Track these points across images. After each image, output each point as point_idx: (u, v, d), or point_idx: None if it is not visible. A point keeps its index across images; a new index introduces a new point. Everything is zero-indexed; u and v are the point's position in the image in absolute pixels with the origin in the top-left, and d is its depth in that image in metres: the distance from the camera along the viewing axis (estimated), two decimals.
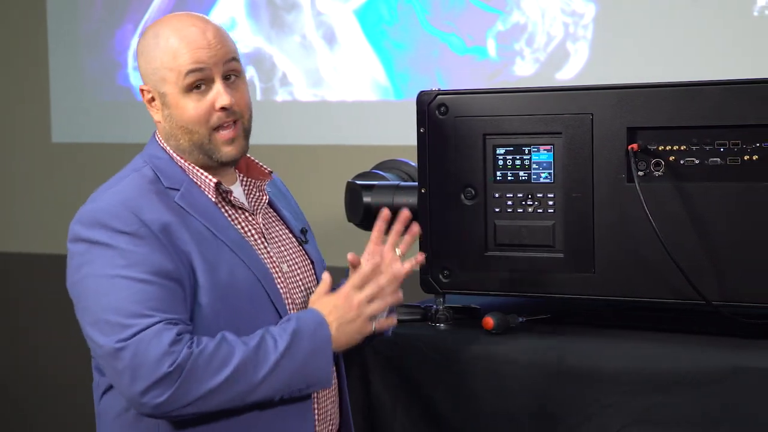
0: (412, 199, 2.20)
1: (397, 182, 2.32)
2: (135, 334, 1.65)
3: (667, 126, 1.95)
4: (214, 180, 1.81)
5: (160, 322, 1.66)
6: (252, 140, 1.89)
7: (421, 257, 1.90)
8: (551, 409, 1.93)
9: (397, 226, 1.88)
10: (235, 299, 1.75)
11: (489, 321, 2.03)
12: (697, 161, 1.94)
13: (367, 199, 2.28)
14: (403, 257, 1.86)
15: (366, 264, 1.81)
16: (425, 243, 2.13)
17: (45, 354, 4.00)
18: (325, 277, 1.82)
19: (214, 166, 1.84)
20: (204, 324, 1.72)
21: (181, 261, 1.71)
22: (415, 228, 1.89)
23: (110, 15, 3.90)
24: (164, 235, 1.71)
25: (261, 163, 1.92)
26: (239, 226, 1.83)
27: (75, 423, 3.71)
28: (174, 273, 1.70)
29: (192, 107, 1.78)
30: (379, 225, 1.88)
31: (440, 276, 2.12)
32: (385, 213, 1.88)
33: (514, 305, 2.17)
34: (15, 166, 4.14)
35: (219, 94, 1.78)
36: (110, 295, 1.68)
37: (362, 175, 2.38)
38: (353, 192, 2.31)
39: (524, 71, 3.26)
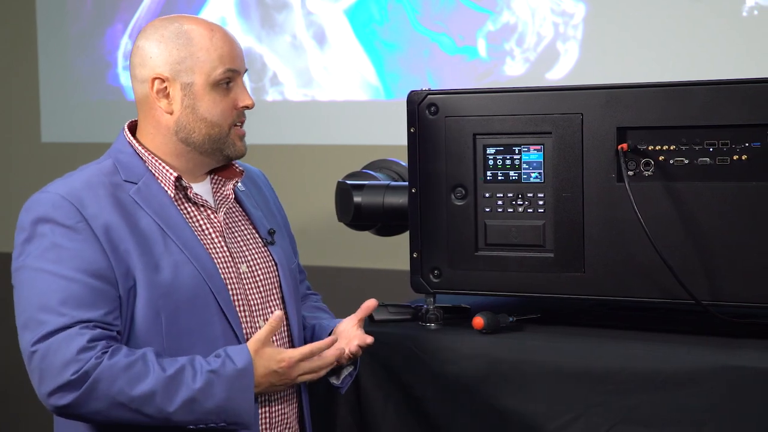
0: (403, 199, 2.21)
1: (387, 182, 2.32)
2: (47, 336, 1.67)
3: (657, 126, 1.95)
4: (175, 174, 1.83)
5: (74, 323, 1.67)
6: None
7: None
8: (540, 408, 1.93)
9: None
10: (177, 298, 1.75)
11: (479, 321, 2.03)
12: (686, 161, 1.94)
13: (357, 198, 2.28)
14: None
15: (326, 340, 1.80)
16: (415, 243, 2.13)
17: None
18: (275, 317, 1.76)
19: (202, 166, 1.86)
20: (145, 323, 1.73)
21: (119, 260, 1.72)
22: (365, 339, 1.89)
23: (100, 14, 3.90)
24: (103, 233, 1.73)
25: (234, 162, 1.93)
26: (197, 224, 1.84)
27: None
28: (105, 271, 1.71)
29: (220, 101, 1.82)
30: (362, 314, 1.91)
31: (430, 276, 2.12)
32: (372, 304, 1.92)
33: (505, 305, 2.17)
34: (4, 166, 4.13)
35: (245, 95, 1.85)
36: (34, 289, 1.71)
37: (352, 175, 2.38)
38: (344, 192, 2.31)
39: (514, 71, 3.27)
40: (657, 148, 1.96)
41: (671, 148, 1.95)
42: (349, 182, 2.31)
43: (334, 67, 3.53)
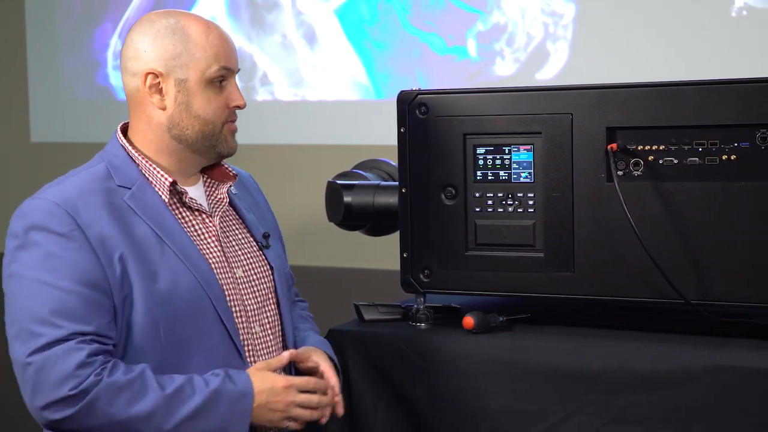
0: (393, 199, 2.21)
1: (377, 182, 2.32)
2: (43, 347, 1.63)
3: (646, 126, 1.96)
4: (170, 179, 1.80)
5: (71, 336, 1.63)
6: None
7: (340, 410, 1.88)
8: (531, 408, 1.93)
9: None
10: (175, 306, 1.72)
11: (469, 320, 2.03)
12: (675, 161, 1.95)
13: (347, 198, 2.27)
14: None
15: (328, 378, 1.81)
16: (406, 243, 2.13)
17: None
18: (285, 355, 1.79)
19: (194, 164, 1.84)
20: (143, 332, 1.70)
21: (113, 269, 1.69)
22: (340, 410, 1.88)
23: (89, 14, 3.89)
24: (98, 241, 1.69)
25: (227, 166, 1.91)
26: (192, 229, 1.82)
27: None
28: (100, 281, 1.68)
29: (213, 98, 1.81)
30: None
31: (421, 275, 2.12)
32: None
33: (495, 304, 2.17)
34: None
35: (238, 94, 1.84)
36: (27, 299, 1.66)
37: (343, 175, 2.38)
38: (334, 192, 2.30)
39: (504, 71, 3.27)
40: (646, 148, 1.96)
41: (660, 148, 1.96)
42: (339, 182, 2.31)
43: (325, 67, 3.53)
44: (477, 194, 2.08)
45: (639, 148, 1.97)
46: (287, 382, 1.74)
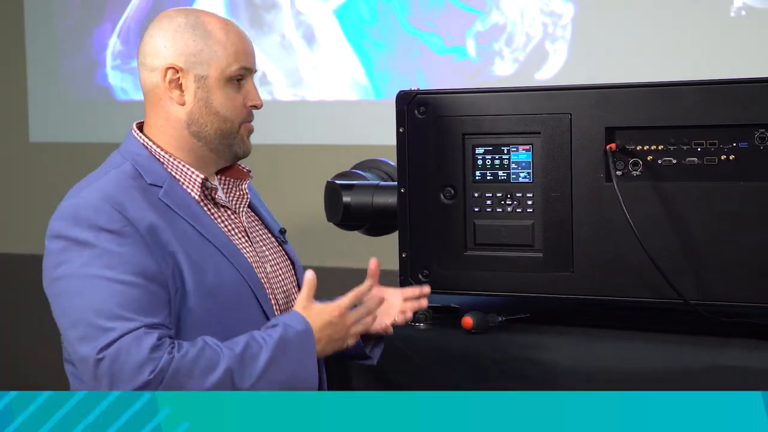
0: (392, 199, 2.21)
1: (376, 182, 2.32)
2: (114, 341, 1.60)
3: (645, 126, 1.96)
4: (201, 176, 1.80)
5: (140, 327, 1.61)
6: None
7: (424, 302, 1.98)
8: None
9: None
10: (223, 299, 1.73)
11: (468, 320, 2.04)
12: (674, 161, 1.95)
13: (346, 198, 2.27)
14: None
15: (364, 283, 1.81)
16: (405, 243, 2.13)
17: (20, 355, 3.97)
18: (310, 277, 1.76)
19: (211, 163, 1.83)
20: (194, 325, 1.70)
21: (166, 262, 1.68)
22: (426, 289, 1.98)
23: (88, 14, 3.89)
24: (149, 235, 1.68)
25: (239, 163, 1.92)
26: (223, 225, 1.82)
27: None
28: (157, 274, 1.66)
29: (232, 96, 1.80)
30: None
31: (420, 276, 2.13)
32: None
33: (494, 305, 2.17)
34: None
35: (255, 94, 1.84)
36: (89, 296, 1.63)
37: (342, 175, 2.38)
38: (333, 191, 2.30)
39: (503, 71, 3.27)
40: (645, 148, 1.96)
41: (659, 148, 1.96)
42: (338, 182, 2.31)
43: (324, 67, 3.53)
44: (476, 194, 2.08)
45: (638, 148, 1.97)
46: (339, 310, 1.75)
